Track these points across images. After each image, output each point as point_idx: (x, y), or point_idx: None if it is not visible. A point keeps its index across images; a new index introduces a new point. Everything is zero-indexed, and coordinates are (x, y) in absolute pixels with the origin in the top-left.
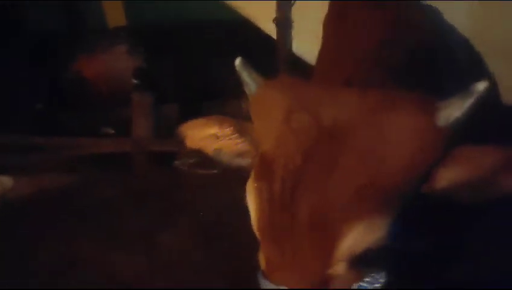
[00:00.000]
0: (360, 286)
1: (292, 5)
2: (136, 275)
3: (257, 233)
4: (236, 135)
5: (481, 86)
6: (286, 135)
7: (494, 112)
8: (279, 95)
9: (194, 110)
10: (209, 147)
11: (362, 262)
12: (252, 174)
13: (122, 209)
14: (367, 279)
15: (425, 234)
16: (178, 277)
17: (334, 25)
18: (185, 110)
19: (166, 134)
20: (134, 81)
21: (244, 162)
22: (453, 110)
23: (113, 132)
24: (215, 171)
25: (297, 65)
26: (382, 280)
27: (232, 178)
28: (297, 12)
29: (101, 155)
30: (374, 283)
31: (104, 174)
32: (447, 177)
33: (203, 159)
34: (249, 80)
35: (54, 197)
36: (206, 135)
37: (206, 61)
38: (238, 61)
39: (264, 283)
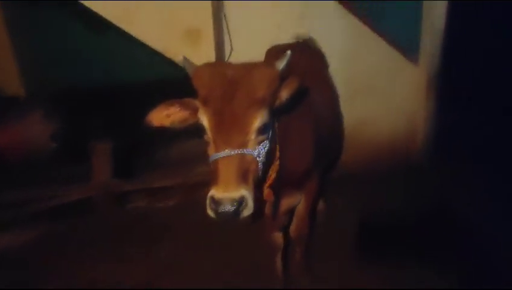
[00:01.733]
0: (258, 147)
1: None
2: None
3: (210, 135)
4: (180, 108)
5: (288, 53)
6: (212, 84)
7: None
8: (206, 68)
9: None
10: (166, 123)
11: (260, 133)
12: (200, 106)
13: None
14: (262, 145)
15: None
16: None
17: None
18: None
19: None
20: (53, 143)
21: (190, 122)
22: (280, 64)
23: None
24: (171, 203)
25: None
26: (268, 146)
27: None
28: None
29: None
30: (265, 147)
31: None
32: (283, 93)
33: (158, 194)
34: (189, 66)
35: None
36: (163, 116)
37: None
38: (182, 58)
39: (215, 156)
